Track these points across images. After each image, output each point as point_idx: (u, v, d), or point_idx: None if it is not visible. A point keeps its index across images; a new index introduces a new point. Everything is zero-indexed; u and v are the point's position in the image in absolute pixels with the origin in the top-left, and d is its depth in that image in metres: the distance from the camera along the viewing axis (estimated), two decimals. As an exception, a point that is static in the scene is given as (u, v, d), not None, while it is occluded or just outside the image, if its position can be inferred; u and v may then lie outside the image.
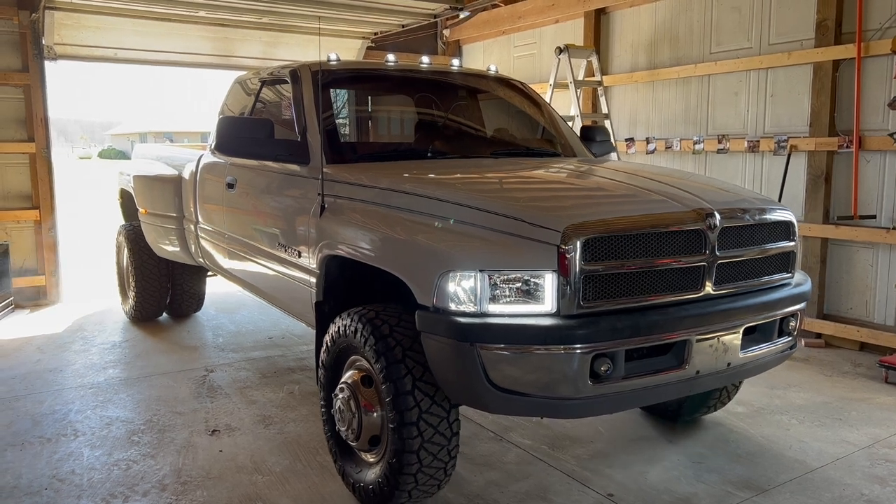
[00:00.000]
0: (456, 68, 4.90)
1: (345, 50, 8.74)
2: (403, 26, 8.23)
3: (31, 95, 7.14)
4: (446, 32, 9.32)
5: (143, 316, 6.48)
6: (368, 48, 8.83)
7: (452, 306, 2.70)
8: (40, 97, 7.17)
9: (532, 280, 2.65)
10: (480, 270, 2.66)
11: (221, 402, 4.54)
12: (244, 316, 6.85)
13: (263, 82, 4.65)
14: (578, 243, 2.60)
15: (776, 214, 3.22)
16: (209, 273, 6.30)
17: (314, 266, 3.61)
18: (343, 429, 3.19)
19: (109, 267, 7.39)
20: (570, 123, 7.39)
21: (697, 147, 6.59)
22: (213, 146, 3.98)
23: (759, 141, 6.10)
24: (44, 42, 7.11)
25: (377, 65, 4.87)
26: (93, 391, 4.75)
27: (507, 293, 2.66)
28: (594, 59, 7.20)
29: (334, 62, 4.36)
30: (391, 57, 4.67)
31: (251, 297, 6.13)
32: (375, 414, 3.05)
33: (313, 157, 3.83)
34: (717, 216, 2.91)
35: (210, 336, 6.14)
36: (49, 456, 3.76)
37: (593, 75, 7.36)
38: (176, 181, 5.69)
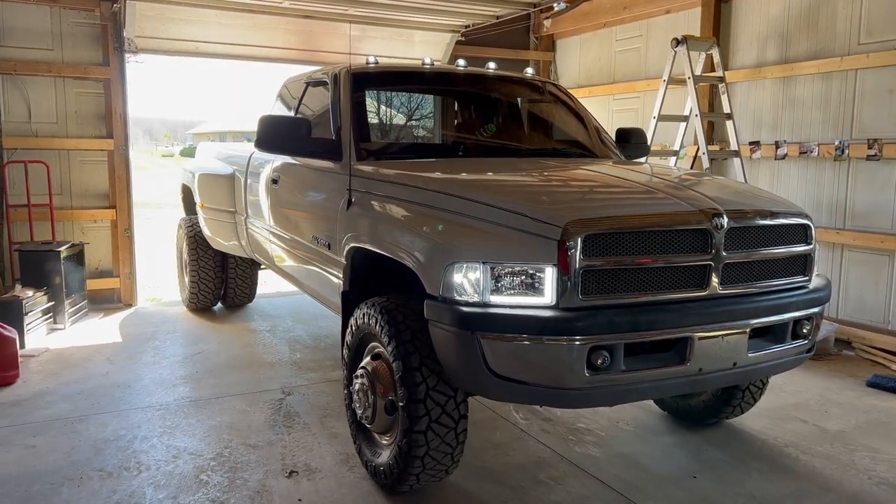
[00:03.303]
0: (492, 71, 4.88)
1: (433, 45, 8.20)
2: (498, 18, 7.60)
3: (111, 90, 6.86)
4: (546, 23, 8.62)
5: (198, 305, 6.83)
6: (458, 42, 8.24)
7: (457, 296, 2.80)
8: (120, 92, 6.89)
9: (533, 273, 2.72)
10: (484, 262, 2.74)
11: (299, 434, 4.01)
12: (322, 328, 6.36)
13: (308, 83, 4.79)
14: (579, 239, 2.66)
15: (791, 218, 3.19)
16: (262, 266, 6.44)
17: (341, 257, 3.74)
18: (360, 412, 3.33)
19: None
20: (684, 124, 6.62)
21: (840, 153, 5.71)
22: (254, 143, 4.14)
23: (921, 146, 5.19)
24: (125, 34, 6.81)
25: (413, 67, 4.96)
26: (160, 413, 4.30)
27: (509, 285, 2.74)
28: (715, 52, 6.39)
29: (372, 65, 4.47)
30: (427, 60, 4.69)
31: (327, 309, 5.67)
32: (390, 398, 3.15)
33: (345, 154, 3.98)
34: (725, 217, 2.90)
35: (287, 350, 5.66)
36: (108, 496, 3.29)
37: (712, 70, 6.55)
38: (230, 177, 5.98)
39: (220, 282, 6.80)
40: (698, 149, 6.40)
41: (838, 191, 5.81)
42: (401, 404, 3.01)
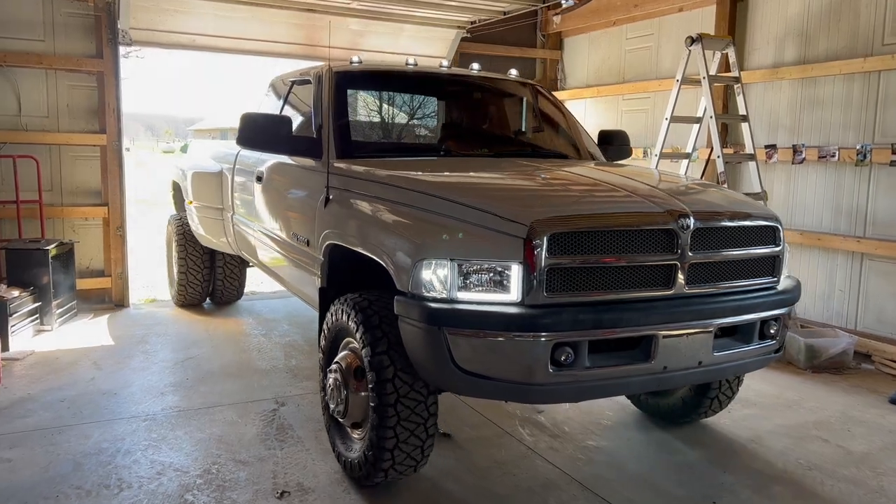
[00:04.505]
0: (474, 72, 4.95)
1: (438, 41, 7.98)
2: (505, 13, 7.38)
3: (105, 83, 6.63)
4: (556, 20, 8.38)
5: (186, 301, 6.86)
6: (464, 39, 8.01)
7: (425, 292, 2.83)
8: (113, 85, 6.65)
9: (499, 270, 2.74)
10: (451, 259, 2.77)
11: (292, 450, 3.78)
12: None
13: (294, 82, 4.84)
14: (545, 237, 2.69)
15: (760, 220, 3.23)
16: (250, 264, 6.44)
17: (319, 254, 3.77)
18: (332, 405, 3.36)
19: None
20: (697, 126, 6.39)
21: (862, 158, 5.47)
22: (236, 140, 4.14)
23: (948, 152, 4.95)
24: (119, 26, 6.58)
25: (396, 67, 4.99)
26: (146, 424, 4.07)
27: (476, 282, 2.76)
28: (731, 52, 6.14)
29: (356, 64, 4.51)
30: (411, 60, 4.74)
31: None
32: (362, 393, 3.18)
33: (325, 151, 4.01)
34: (691, 217, 2.92)
35: (282, 357, 5.43)
36: (85, 517, 3.07)
37: (727, 70, 6.31)
38: (218, 174, 5.95)
39: (209, 278, 6.84)
40: (711, 151, 6.16)
41: (859, 197, 5.58)
42: (371, 399, 3.05)
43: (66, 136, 6.57)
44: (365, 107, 5.01)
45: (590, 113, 8.53)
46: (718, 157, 5.87)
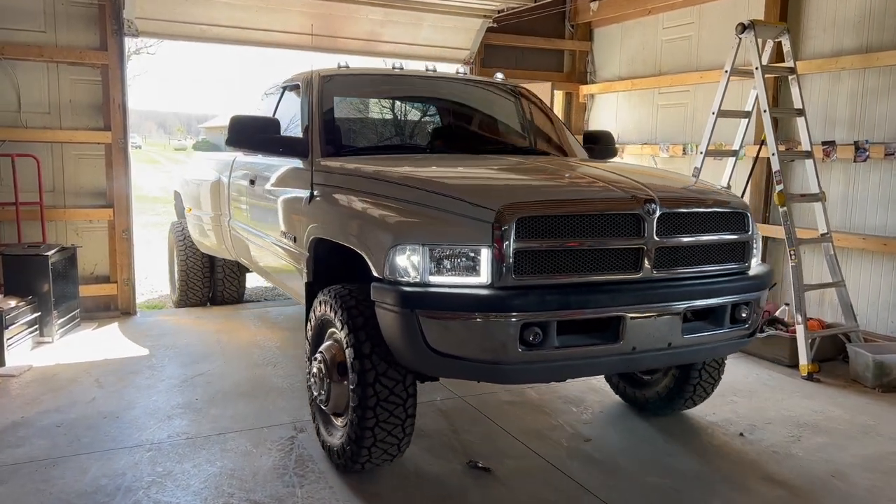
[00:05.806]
0: (460, 75, 5.27)
1: (462, 31, 7.49)
2: (535, 1, 6.89)
3: (109, 77, 6.22)
4: (593, 6, 7.86)
5: (187, 306, 7.02)
6: (489, 29, 7.53)
7: (399, 277, 2.92)
8: (118, 79, 6.24)
9: (470, 255, 2.84)
10: (424, 245, 2.87)
11: (313, 487, 3.33)
12: (339, 345, 5.69)
13: (285, 87, 5.03)
14: (513, 222, 2.78)
15: (728, 206, 3.32)
16: (248, 270, 6.55)
17: (305, 249, 3.88)
18: (316, 393, 3.47)
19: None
20: (745, 121, 5.91)
21: (935, 155, 4.96)
22: (225, 141, 4.20)
23: None
24: (124, 16, 6.17)
25: (382, 70, 5.28)
26: (151, 455, 3.64)
27: (449, 266, 2.85)
28: (785, 40, 5.64)
29: (343, 68, 4.77)
30: (397, 63, 5.10)
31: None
32: (344, 381, 3.30)
33: (311, 151, 4.12)
34: (657, 203, 3.01)
35: (299, 373, 4.98)
36: (76, 577, 2.64)
37: (780, 60, 5.81)
38: (216, 182, 5.98)
39: (209, 284, 7.05)
40: (760, 149, 5.69)
41: (931, 198, 5.08)
42: (351, 386, 3.13)
43: (68, 133, 6.17)
44: (351, 109, 5.11)
45: (622, 107, 8.04)
46: (773, 154, 5.37)
